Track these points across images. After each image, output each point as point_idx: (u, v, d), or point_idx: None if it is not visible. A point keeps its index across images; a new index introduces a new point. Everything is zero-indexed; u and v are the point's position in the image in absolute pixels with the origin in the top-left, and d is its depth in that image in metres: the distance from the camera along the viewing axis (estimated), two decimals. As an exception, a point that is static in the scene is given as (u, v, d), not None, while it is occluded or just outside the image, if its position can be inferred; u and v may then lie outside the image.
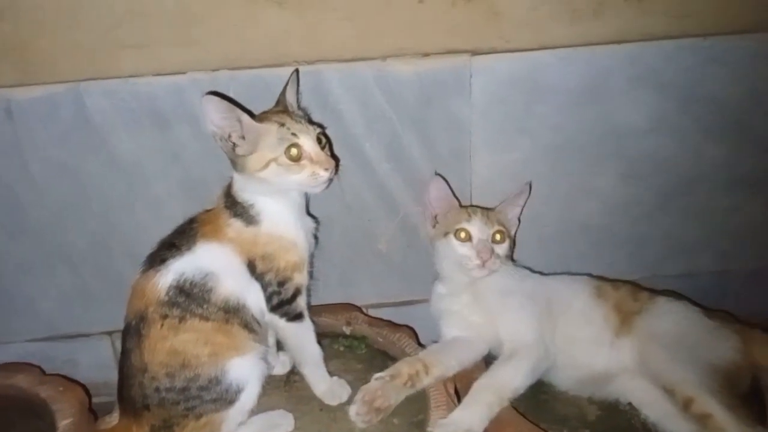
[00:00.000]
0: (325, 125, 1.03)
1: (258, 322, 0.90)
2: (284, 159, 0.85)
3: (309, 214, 0.98)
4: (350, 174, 1.09)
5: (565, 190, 1.13)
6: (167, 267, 0.86)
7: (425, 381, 0.93)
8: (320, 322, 1.07)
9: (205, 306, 0.85)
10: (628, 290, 1.01)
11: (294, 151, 0.86)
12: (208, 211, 0.93)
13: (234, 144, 0.86)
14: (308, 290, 0.95)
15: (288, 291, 0.91)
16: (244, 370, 0.87)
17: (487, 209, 1.06)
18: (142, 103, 1.01)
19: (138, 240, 1.05)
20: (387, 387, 0.90)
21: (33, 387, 1.00)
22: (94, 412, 1.00)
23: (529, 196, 1.08)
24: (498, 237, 1.01)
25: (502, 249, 1.01)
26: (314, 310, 1.10)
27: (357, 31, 1.01)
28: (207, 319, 0.85)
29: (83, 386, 1.03)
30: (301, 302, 0.93)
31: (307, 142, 0.87)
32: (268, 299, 0.90)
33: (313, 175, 0.87)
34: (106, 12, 0.96)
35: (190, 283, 0.85)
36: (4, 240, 1.08)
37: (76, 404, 0.97)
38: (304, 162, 0.86)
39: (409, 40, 1.03)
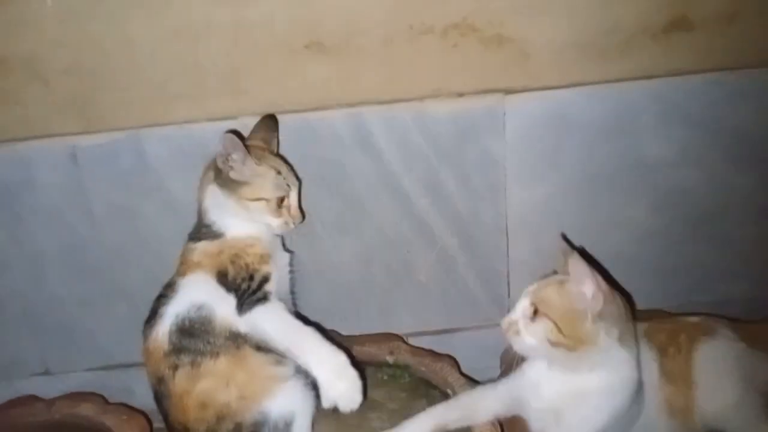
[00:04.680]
0: (365, 163, 1.10)
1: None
2: (273, 204, 0.96)
3: (285, 249, 1.05)
4: (390, 209, 1.14)
5: (596, 222, 1.17)
6: (161, 315, 0.91)
7: None
8: (364, 352, 1.12)
9: (211, 339, 0.87)
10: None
11: (283, 201, 0.97)
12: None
13: (231, 167, 0.95)
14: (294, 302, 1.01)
15: (255, 281, 0.92)
16: (286, 403, 0.88)
17: None
18: (196, 147, 1.08)
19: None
20: None
21: (98, 415, 1.06)
22: (156, 440, 1.06)
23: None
24: None
25: None
26: (357, 340, 1.16)
27: (394, 74, 1.07)
28: (217, 355, 0.87)
29: (145, 414, 1.09)
30: (267, 288, 0.93)
31: (294, 196, 1.00)
32: (240, 298, 0.90)
33: (285, 224, 0.98)
34: (160, 68, 1.04)
35: (189, 320, 0.88)
36: (68, 277, 1.15)
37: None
38: (284, 211, 0.97)
39: (444, 81, 1.08)
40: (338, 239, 1.14)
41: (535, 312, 0.84)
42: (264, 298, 0.91)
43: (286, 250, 1.05)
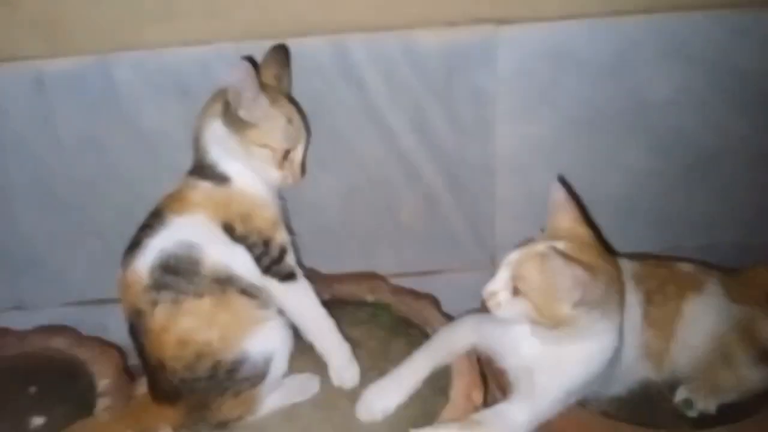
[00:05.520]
0: (348, 95, 1.05)
1: (256, 287, 0.89)
2: (278, 154, 0.89)
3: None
4: (373, 146, 1.09)
5: (589, 163, 1.13)
6: (143, 247, 0.85)
7: None
8: (343, 290, 1.11)
9: (195, 280, 0.84)
10: None
11: (288, 154, 0.90)
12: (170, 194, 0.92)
13: (241, 104, 0.86)
14: (297, 254, 0.96)
15: (274, 250, 0.90)
16: (266, 342, 0.87)
17: None
18: (168, 74, 1.02)
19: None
20: None
21: (71, 348, 1.05)
22: (130, 373, 1.04)
23: None
24: None
25: None
26: (337, 279, 1.14)
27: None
28: (201, 295, 0.84)
29: (119, 348, 1.07)
30: (290, 261, 0.91)
31: (300, 152, 0.92)
32: (258, 261, 0.89)
33: (284, 179, 0.91)
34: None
35: (175, 258, 0.84)
36: (36, 211, 1.11)
37: (113, 365, 1.01)
38: (286, 165, 0.90)
39: (435, 9, 1.01)
40: (318, 175, 1.09)
41: (516, 288, 0.83)
42: (292, 275, 0.91)
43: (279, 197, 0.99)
